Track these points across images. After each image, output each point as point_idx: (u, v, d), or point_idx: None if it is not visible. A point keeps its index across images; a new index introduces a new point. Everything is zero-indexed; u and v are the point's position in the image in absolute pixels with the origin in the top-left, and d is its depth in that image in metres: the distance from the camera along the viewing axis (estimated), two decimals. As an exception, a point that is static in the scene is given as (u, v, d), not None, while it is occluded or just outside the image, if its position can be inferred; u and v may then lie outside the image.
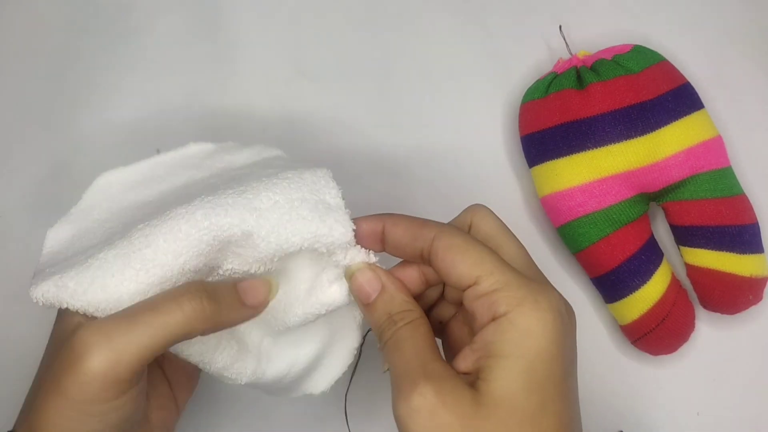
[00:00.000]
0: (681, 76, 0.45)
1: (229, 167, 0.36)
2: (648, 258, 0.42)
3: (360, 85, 0.49)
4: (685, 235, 0.43)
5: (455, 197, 0.47)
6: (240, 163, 0.36)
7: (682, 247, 0.43)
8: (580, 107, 0.43)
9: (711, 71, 0.49)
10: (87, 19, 0.50)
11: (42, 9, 0.51)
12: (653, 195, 0.43)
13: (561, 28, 0.48)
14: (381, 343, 0.30)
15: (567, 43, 0.47)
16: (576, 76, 0.44)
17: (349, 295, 0.32)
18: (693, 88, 0.45)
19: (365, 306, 0.31)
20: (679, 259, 0.44)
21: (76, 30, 0.50)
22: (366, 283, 0.30)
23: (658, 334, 0.42)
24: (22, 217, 0.46)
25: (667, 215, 0.44)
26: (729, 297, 0.42)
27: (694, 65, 0.47)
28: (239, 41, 0.50)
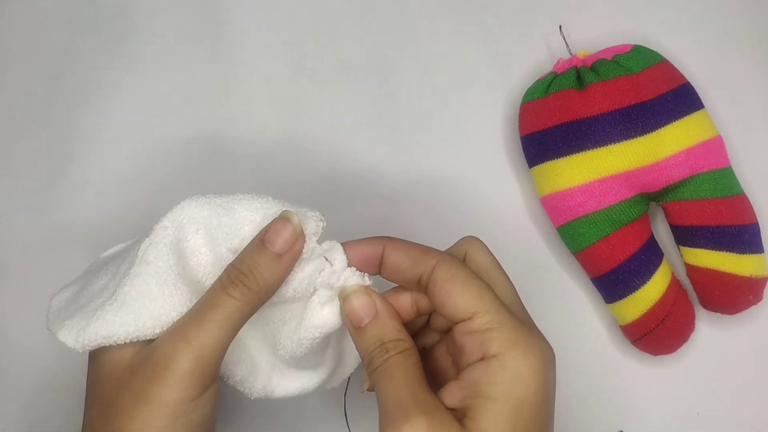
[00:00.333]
0: (681, 76, 0.45)
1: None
2: (648, 258, 0.42)
3: (360, 85, 0.49)
4: (685, 235, 0.43)
5: (455, 197, 0.47)
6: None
7: (682, 247, 0.43)
8: (580, 107, 0.43)
9: (711, 71, 0.49)
10: (87, 19, 0.50)
11: (42, 9, 0.51)
12: (653, 195, 0.43)
13: (561, 28, 0.48)
14: (370, 369, 0.30)
15: (567, 43, 0.47)
16: (576, 76, 0.44)
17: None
18: (693, 88, 0.45)
19: (356, 329, 0.31)
20: (679, 259, 0.44)
21: (76, 30, 0.50)
22: (360, 307, 0.30)
23: (658, 334, 0.42)
24: (22, 217, 0.46)
25: (667, 215, 0.44)
26: (729, 297, 0.42)
27: (694, 65, 0.47)
28: (239, 41, 0.50)
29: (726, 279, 0.42)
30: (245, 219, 0.31)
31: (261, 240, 0.30)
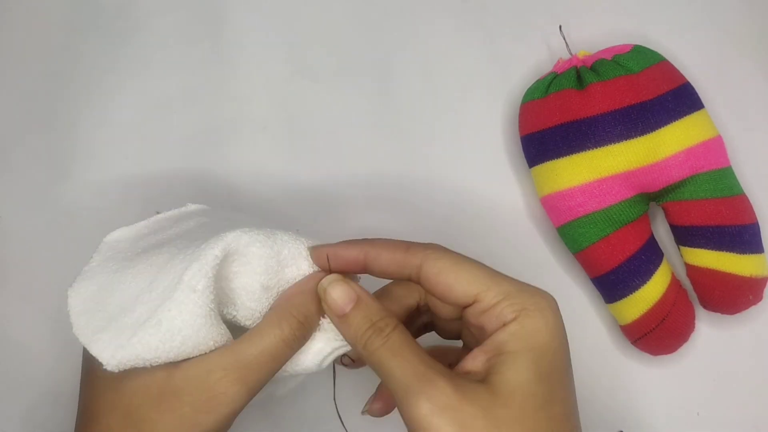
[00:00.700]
0: (681, 76, 0.45)
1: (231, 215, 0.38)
2: (648, 258, 0.42)
3: (360, 86, 0.49)
4: (685, 235, 0.43)
5: (455, 198, 0.47)
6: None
7: (682, 247, 0.43)
8: (580, 107, 0.43)
9: (711, 71, 0.49)
10: (88, 19, 0.50)
11: (42, 9, 0.51)
12: (653, 195, 0.43)
13: (561, 28, 0.48)
14: (366, 351, 0.30)
15: (567, 43, 0.47)
16: (576, 76, 0.44)
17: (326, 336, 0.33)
18: (693, 88, 0.45)
19: (340, 318, 0.31)
20: (679, 259, 0.44)
21: (76, 30, 0.50)
22: (339, 297, 0.31)
23: (658, 334, 0.42)
24: (22, 217, 0.46)
25: (667, 215, 0.44)
26: (729, 297, 0.42)
27: (694, 65, 0.47)
28: (239, 41, 0.50)
29: (726, 279, 0.42)
30: (289, 261, 0.32)
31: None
